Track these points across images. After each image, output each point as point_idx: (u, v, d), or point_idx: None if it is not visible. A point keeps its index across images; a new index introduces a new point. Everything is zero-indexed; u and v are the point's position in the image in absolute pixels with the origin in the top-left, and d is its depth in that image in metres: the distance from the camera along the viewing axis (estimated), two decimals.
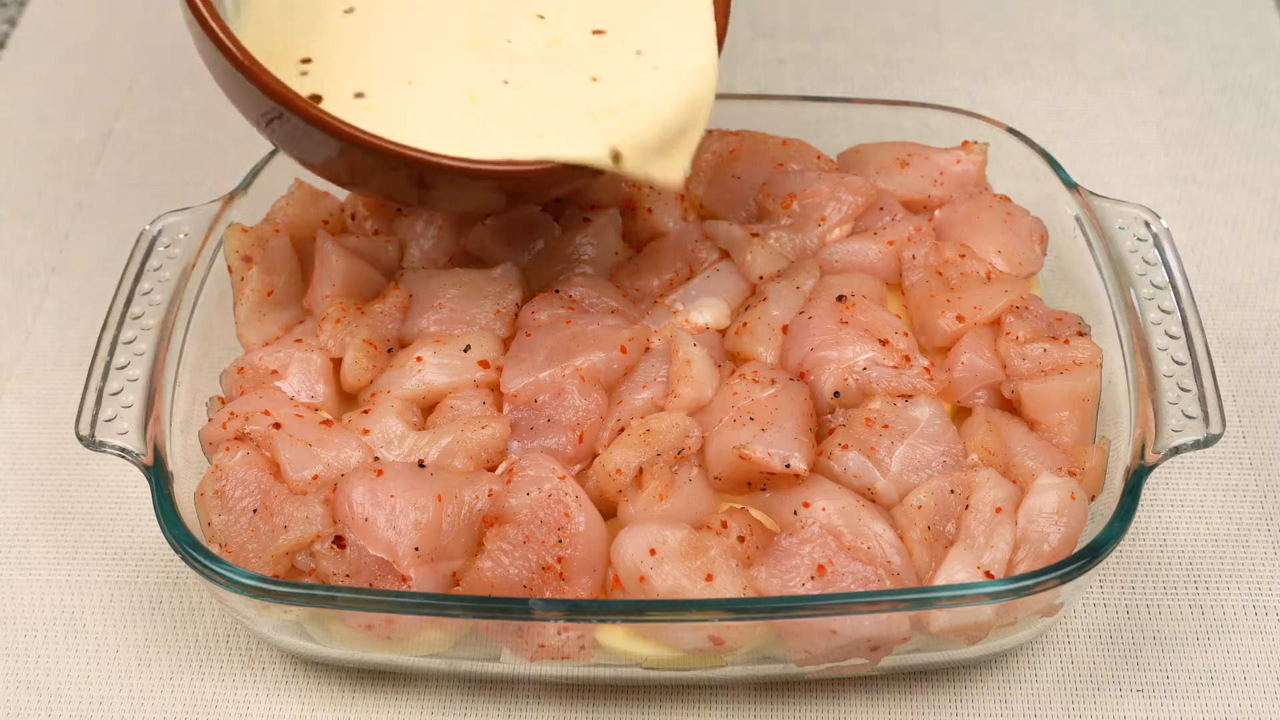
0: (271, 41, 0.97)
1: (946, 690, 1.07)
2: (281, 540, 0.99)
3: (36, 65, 1.63)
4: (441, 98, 0.99)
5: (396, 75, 0.99)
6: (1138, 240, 1.14)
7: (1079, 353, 1.08)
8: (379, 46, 1.00)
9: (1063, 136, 1.51)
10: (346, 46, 1.00)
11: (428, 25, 1.02)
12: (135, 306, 1.11)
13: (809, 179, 1.22)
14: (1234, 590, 1.12)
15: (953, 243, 1.18)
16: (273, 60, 0.94)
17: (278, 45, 0.97)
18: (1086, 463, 1.04)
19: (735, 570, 0.97)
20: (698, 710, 1.06)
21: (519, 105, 0.99)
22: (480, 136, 0.97)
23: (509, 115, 0.99)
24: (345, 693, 1.08)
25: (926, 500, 1.00)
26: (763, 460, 1.00)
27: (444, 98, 0.99)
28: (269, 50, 0.95)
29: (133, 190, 1.48)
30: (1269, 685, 1.07)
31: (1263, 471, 1.20)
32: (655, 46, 1.03)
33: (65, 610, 1.13)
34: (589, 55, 1.02)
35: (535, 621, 0.95)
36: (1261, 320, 1.32)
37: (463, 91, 0.98)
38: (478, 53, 1.01)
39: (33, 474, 1.22)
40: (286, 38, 0.99)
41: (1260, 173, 1.46)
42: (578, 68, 1.01)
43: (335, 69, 0.99)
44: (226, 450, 1.03)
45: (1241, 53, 1.61)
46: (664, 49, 1.03)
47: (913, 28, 1.65)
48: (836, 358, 1.08)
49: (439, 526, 0.99)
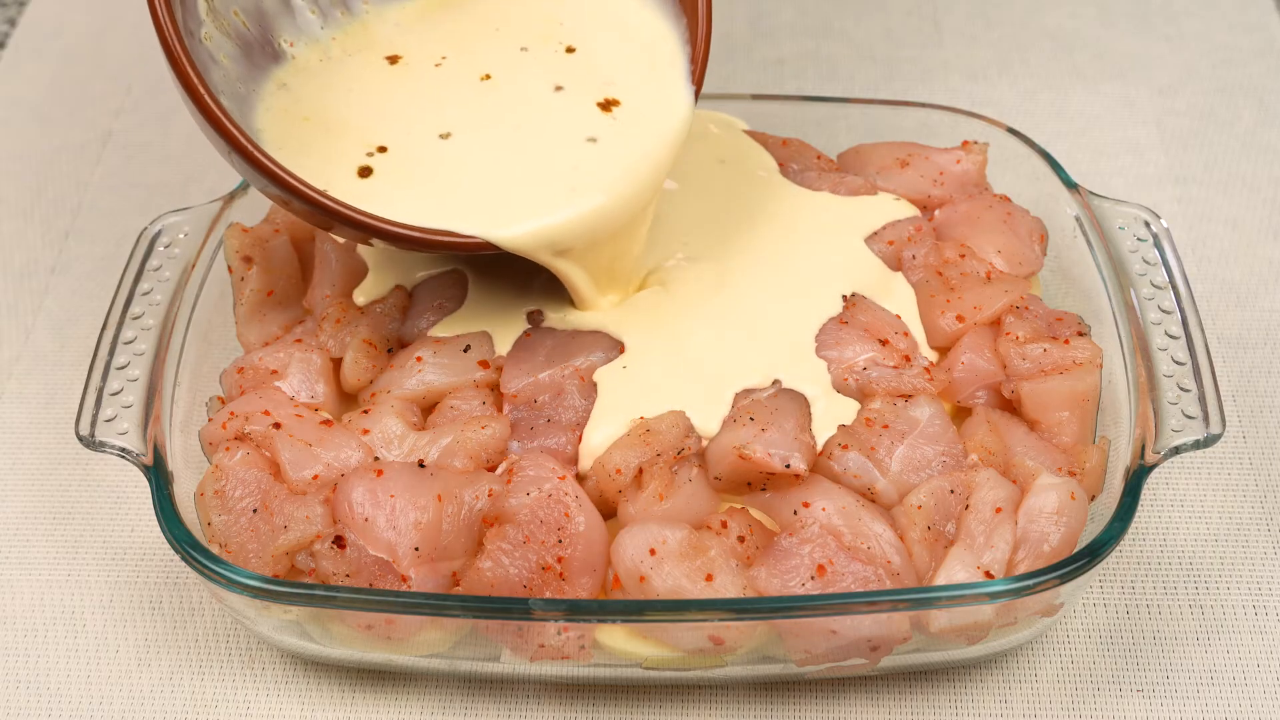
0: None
1: (946, 690, 1.07)
2: (281, 540, 0.99)
3: (36, 65, 1.63)
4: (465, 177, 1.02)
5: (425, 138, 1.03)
6: (1138, 240, 1.14)
7: (1079, 353, 1.08)
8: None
9: (1063, 136, 1.51)
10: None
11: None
12: (135, 306, 1.11)
13: (809, 179, 1.22)
14: (1234, 590, 1.12)
15: (953, 243, 1.18)
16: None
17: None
18: (1086, 463, 1.04)
19: (735, 570, 0.97)
20: (698, 710, 1.06)
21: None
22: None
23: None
24: (345, 693, 1.08)
25: (926, 500, 1.00)
26: (763, 460, 1.00)
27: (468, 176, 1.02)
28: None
29: (133, 190, 1.48)
30: (1269, 685, 1.07)
31: (1263, 471, 1.20)
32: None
33: (65, 610, 1.13)
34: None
35: (535, 621, 0.95)
36: (1261, 320, 1.32)
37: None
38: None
39: (33, 474, 1.22)
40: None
41: (1260, 173, 1.46)
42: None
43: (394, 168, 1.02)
44: (226, 450, 1.03)
45: (1241, 53, 1.61)
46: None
47: (913, 28, 1.65)
48: (836, 358, 1.08)
49: (439, 526, 0.99)
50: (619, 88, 1.04)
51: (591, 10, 1.07)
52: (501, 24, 1.07)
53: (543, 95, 1.05)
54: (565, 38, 1.06)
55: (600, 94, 1.04)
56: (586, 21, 1.07)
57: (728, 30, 1.65)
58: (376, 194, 1.00)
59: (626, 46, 1.07)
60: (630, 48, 1.06)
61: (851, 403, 1.06)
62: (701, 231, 1.18)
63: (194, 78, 0.91)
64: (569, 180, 1.02)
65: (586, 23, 1.07)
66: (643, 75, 1.05)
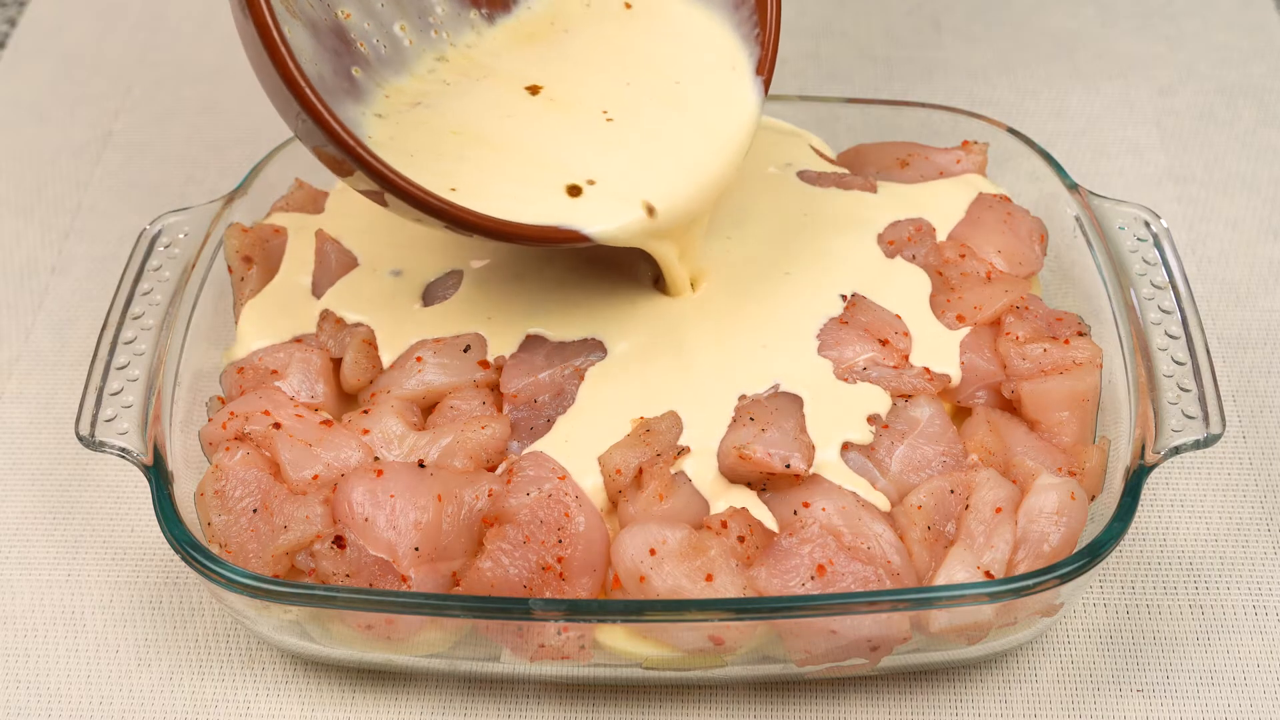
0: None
1: (946, 690, 1.07)
2: (281, 540, 0.99)
3: (36, 65, 1.63)
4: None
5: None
6: (1138, 240, 1.14)
7: (1079, 353, 1.08)
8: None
9: (1063, 136, 1.51)
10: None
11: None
12: (135, 306, 1.11)
13: (810, 177, 1.22)
14: (1234, 590, 1.12)
15: (953, 243, 1.18)
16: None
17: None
18: (1086, 463, 1.04)
19: (735, 570, 0.97)
20: (698, 710, 1.06)
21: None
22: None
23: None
24: (345, 693, 1.08)
25: (926, 500, 1.00)
26: (763, 460, 1.00)
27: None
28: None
29: (133, 190, 1.48)
30: (1269, 685, 1.07)
31: (1263, 471, 1.20)
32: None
33: (65, 610, 1.13)
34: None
35: (535, 621, 0.95)
36: (1261, 320, 1.32)
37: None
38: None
39: (33, 474, 1.22)
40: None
41: (1260, 173, 1.46)
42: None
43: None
44: (226, 450, 1.03)
45: (1241, 53, 1.61)
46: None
47: (913, 28, 1.65)
48: (836, 358, 1.08)
49: (439, 526, 0.99)
50: (695, 88, 1.09)
51: (661, 31, 1.12)
52: (591, 56, 1.12)
53: (626, 99, 1.09)
54: (642, 53, 1.11)
55: (674, 95, 1.09)
56: (661, 43, 1.12)
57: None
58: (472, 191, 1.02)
59: (697, 55, 1.11)
60: (704, 56, 1.10)
61: (851, 403, 1.06)
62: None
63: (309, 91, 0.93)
64: (654, 171, 1.05)
65: (661, 44, 1.12)
66: (716, 78, 1.09)
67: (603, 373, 1.08)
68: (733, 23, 1.11)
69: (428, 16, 1.07)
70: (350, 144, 0.93)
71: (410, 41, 1.06)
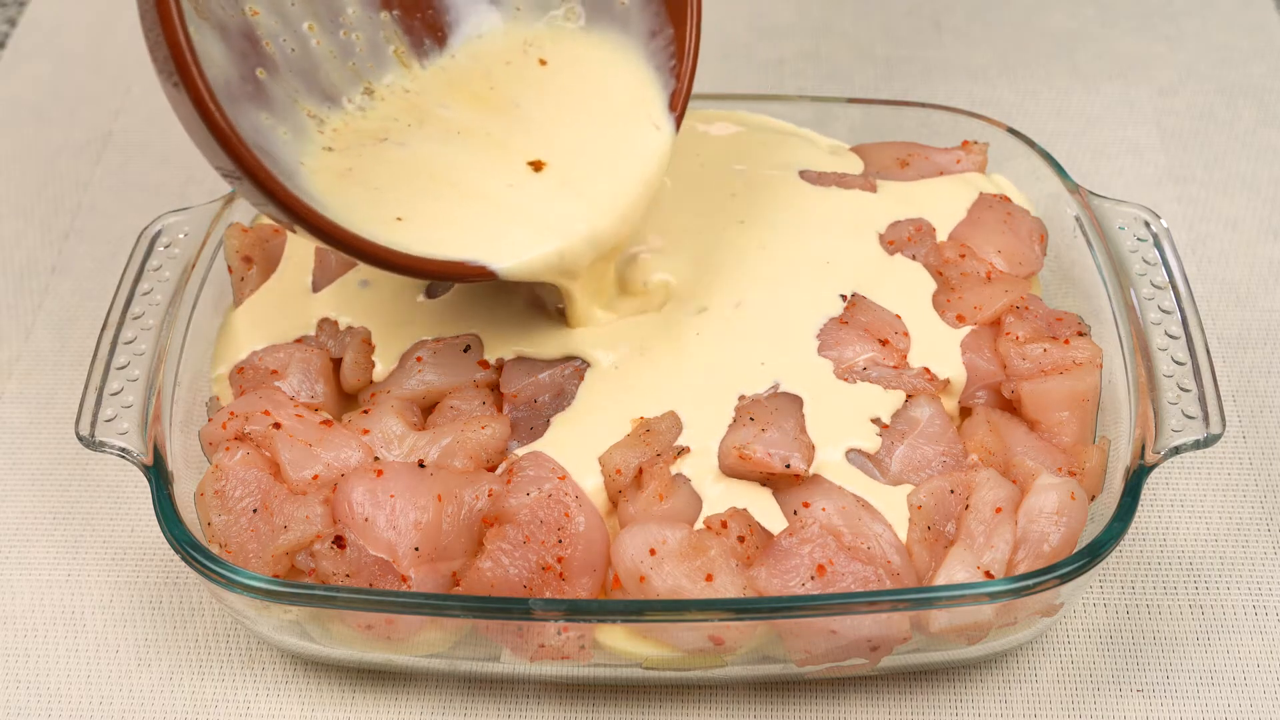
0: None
1: (946, 690, 1.07)
2: (281, 540, 0.99)
3: (36, 65, 1.63)
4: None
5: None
6: (1138, 240, 1.14)
7: (1079, 353, 1.08)
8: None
9: (1063, 136, 1.51)
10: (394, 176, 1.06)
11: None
12: (135, 306, 1.11)
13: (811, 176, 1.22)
14: (1234, 590, 1.12)
15: (953, 243, 1.18)
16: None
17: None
18: (1086, 463, 1.04)
19: (735, 570, 0.97)
20: (698, 710, 1.06)
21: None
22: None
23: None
24: (345, 693, 1.08)
25: (926, 500, 1.00)
26: (763, 460, 1.00)
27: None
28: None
29: (133, 190, 1.48)
30: (1269, 685, 1.07)
31: (1263, 471, 1.20)
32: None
33: (65, 610, 1.13)
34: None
35: (535, 621, 0.95)
36: (1261, 320, 1.32)
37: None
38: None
39: (33, 474, 1.22)
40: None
41: (1260, 173, 1.46)
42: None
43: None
44: (226, 450, 1.03)
45: (1241, 53, 1.61)
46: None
47: (913, 28, 1.65)
48: (836, 358, 1.08)
49: (439, 526, 0.99)
50: (608, 131, 1.09)
51: (577, 81, 1.12)
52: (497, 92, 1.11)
53: (543, 144, 1.09)
54: (559, 109, 1.11)
55: (589, 139, 1.09)
56: (578, 92, 1.12)
57: (728, 30, 1.65)
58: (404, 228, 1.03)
59: (611, 99, 1.11)
60: (618, 99, 1.10)
61: (851, 403, 1.06)
62: (702, 231, 1.18)
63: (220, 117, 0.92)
64: (565, 210, 1.05)
65: (578, 93, 1.12)
66: (628, 120, 1.09)
67: (603, 373, 1.08)
68: (646, 54, 1.10)
69: (339, 17, 1.06)
70: (252, 164, 0.92)
71: (318, 42, 1.05)
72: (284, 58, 1.04)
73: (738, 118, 1.29)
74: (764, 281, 1.13)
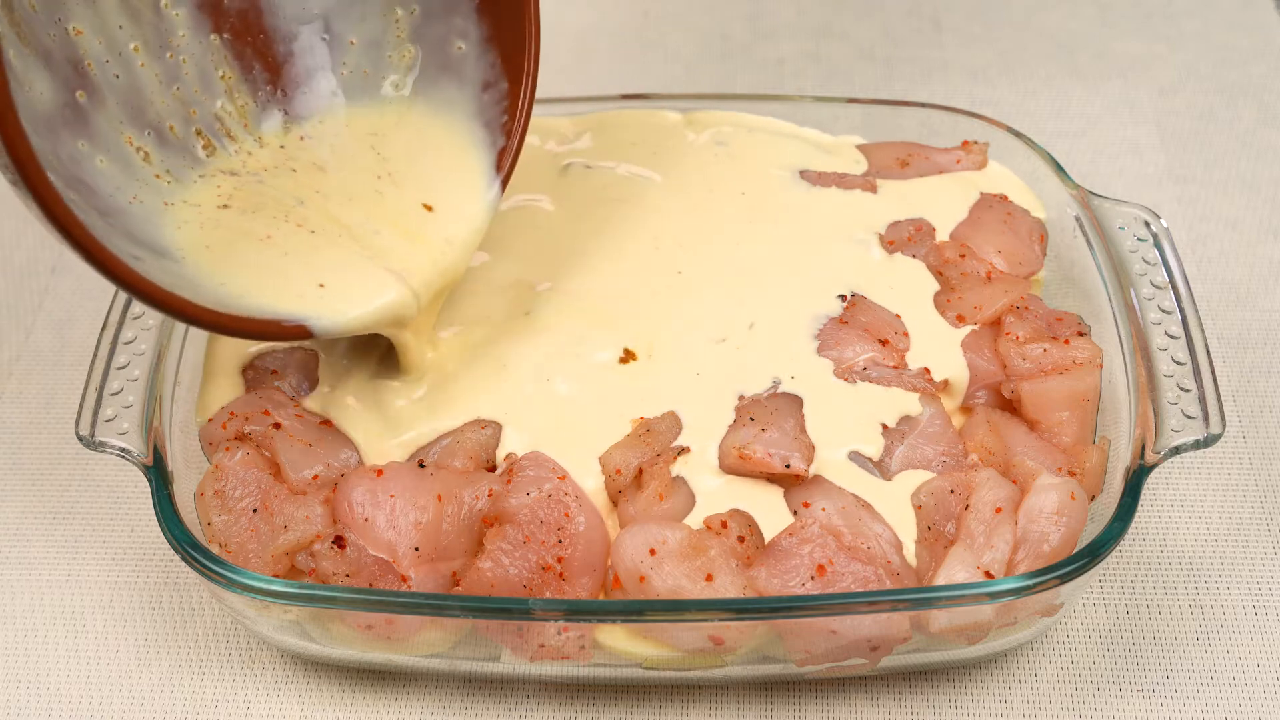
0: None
1: (946, 690, 1.07)
2: (281, 540, 0.99)
3: None
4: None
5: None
6: (1138, 240, 1.14)
7: (1079, 353, 1.08)
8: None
9: (1063, 136, 1.51)
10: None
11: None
12: (135, 306, 1.11)
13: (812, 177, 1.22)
14: (1234, 590, 1.12)
15: (953, 243, 1.18)
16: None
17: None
18: (1086, 463, 1.04)
19: (735, 570, 0.97)
20: (698, 710, 1.06)
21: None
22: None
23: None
24: (345, 693, 1.08)
25: (926, 500, 1.00)
26: (763, 460, 1.00)
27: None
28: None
29: None
30: (1269, 685, 1.07)
31: (1263, 471, 1.20)
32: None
33: (65, 610, 1.13)
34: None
35: (535, 621, 0.95)
36: (1261, 320, 1.32)
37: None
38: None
39: (32, 474, 1.22)
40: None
41: (1260, 173, 1.46)
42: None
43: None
44: (226, 450, 1.03)
45: (1241, 53, 1.61)
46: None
47: (913, 28, 1.65)
48: (836, 358, 1.08)
49: (439, 526, 0.99)
50: (433, 194, 1.08)
51: (406, 143, 1.10)
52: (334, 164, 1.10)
53: (366, 208, 1.07)
54: (386, 165, 1.09)
55: (416, 199, 1.07)
56: (403, 151, 1.10)
57: (728, 30, 1.65)
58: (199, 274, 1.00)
59: (440, 163, 1.09)
60: (443, 163, 1.09)
61: (851, 403, 1.06)
62: (701, 231, 1.18)
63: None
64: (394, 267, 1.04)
65: (403, 152, 1.10)
66: (452, 185, 1.08)
67: (602, 372, 1.08)
68: (476, 108, 1.09)
69: (167, 42, 1.04)
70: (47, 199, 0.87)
71: (143, 64, 1.03)
72: (108, 83, 1.01)
73: (737, 119, 1.29)
74: (764, 281, 1.13)
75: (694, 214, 1.19)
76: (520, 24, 1.06)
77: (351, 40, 1.10)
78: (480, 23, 1.07)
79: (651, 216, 1.19)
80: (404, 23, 1.09)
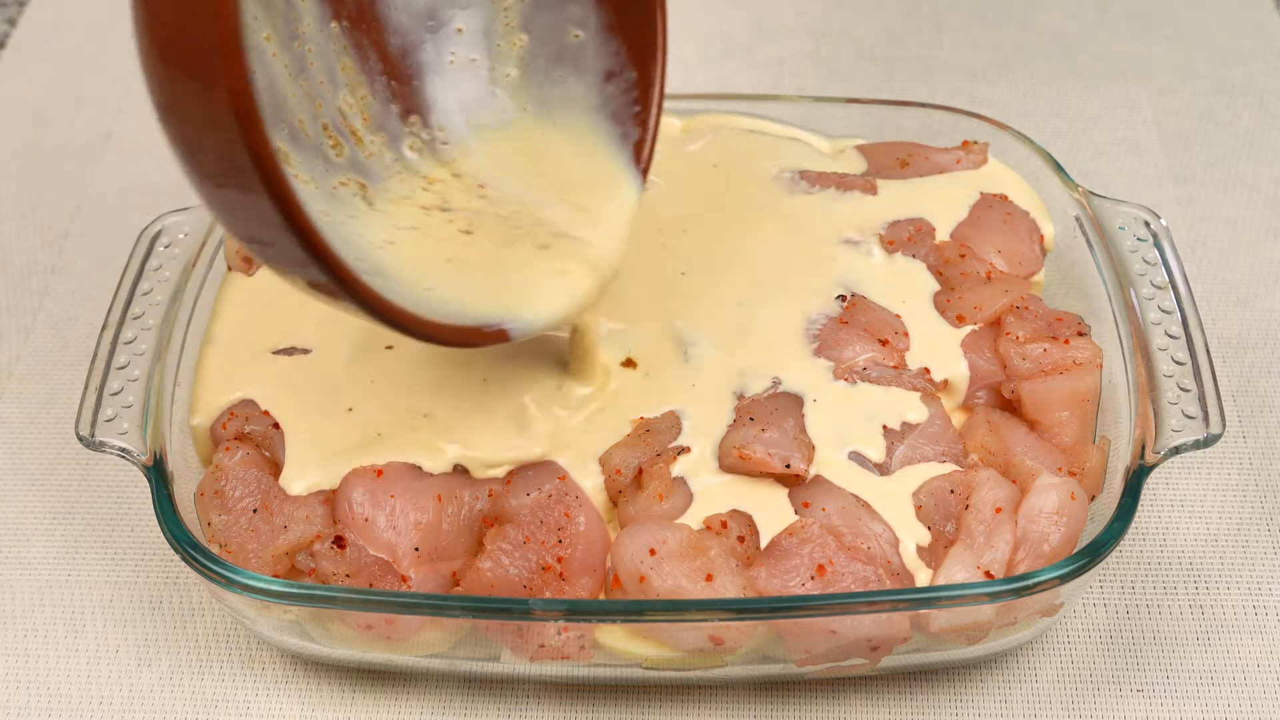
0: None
1: (946, 690, 1.07)
2: (281, 540, 0.99)
3: (36, 65, 1.63)
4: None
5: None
6: (1138, 240, 1.14)
7: (1079, 353, 1.08)
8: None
9: (1063, 136, 1.51)
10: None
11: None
12: (135, 306, 1.11)
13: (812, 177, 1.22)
14: (1234, 590, 1.12)
15: (953, 243, 1.18)
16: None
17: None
18: (1086, 463, 1.04)
19: (735, 570, 0.97)
20: (698, 710, 1.06)
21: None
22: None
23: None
24: (345, 693, 1.08)
25: (926, 500, 1.00)
26: (763, 460, 1.00)
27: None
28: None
29: (133, 190, 1.48)
30: (1269, 685, 1.07)
31: (1263, 471, 1.20)
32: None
33: (65, 610, 1.13)
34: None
35: (535, 621, 0.95)
36: (1261, 320, 1.32)
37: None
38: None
39: (33, 474, 1.22)
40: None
41: (1260, 173, 1.46)
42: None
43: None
44: (226, 450, 1.03)
45: (1241, 53, 1.61)
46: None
47: (913, 28, 1.65)
48: (836, 358, 1.08)
49: (439, 527, 0.99)
50: (579, 195, 1.05)
51: (548, 144, 1.07)
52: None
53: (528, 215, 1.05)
54: (534, 167, 1.06)
55: (566, 200, 1.04)
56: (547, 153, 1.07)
57: (728, 30, 1.65)
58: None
59: (585, 170, 1.06)
60: (587, 164, 1.05)
61: (851, 403, 1.06)
62: (701, 231, 1.18)
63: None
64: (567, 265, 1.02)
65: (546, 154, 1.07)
66: (597, 184, 1.05)
67: None
68: (599, 100, 1.04)
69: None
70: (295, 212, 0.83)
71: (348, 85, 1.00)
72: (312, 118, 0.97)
73: (736, 120, 1.29)
74: (764, 282, 1.13)
75: (695, 216, 1.19)
76: (648, 8, 1.01)
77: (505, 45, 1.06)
78: (600, 10, 1.03)
79: (653, 219, 1.19)
80: (514, 10, 1.04)
